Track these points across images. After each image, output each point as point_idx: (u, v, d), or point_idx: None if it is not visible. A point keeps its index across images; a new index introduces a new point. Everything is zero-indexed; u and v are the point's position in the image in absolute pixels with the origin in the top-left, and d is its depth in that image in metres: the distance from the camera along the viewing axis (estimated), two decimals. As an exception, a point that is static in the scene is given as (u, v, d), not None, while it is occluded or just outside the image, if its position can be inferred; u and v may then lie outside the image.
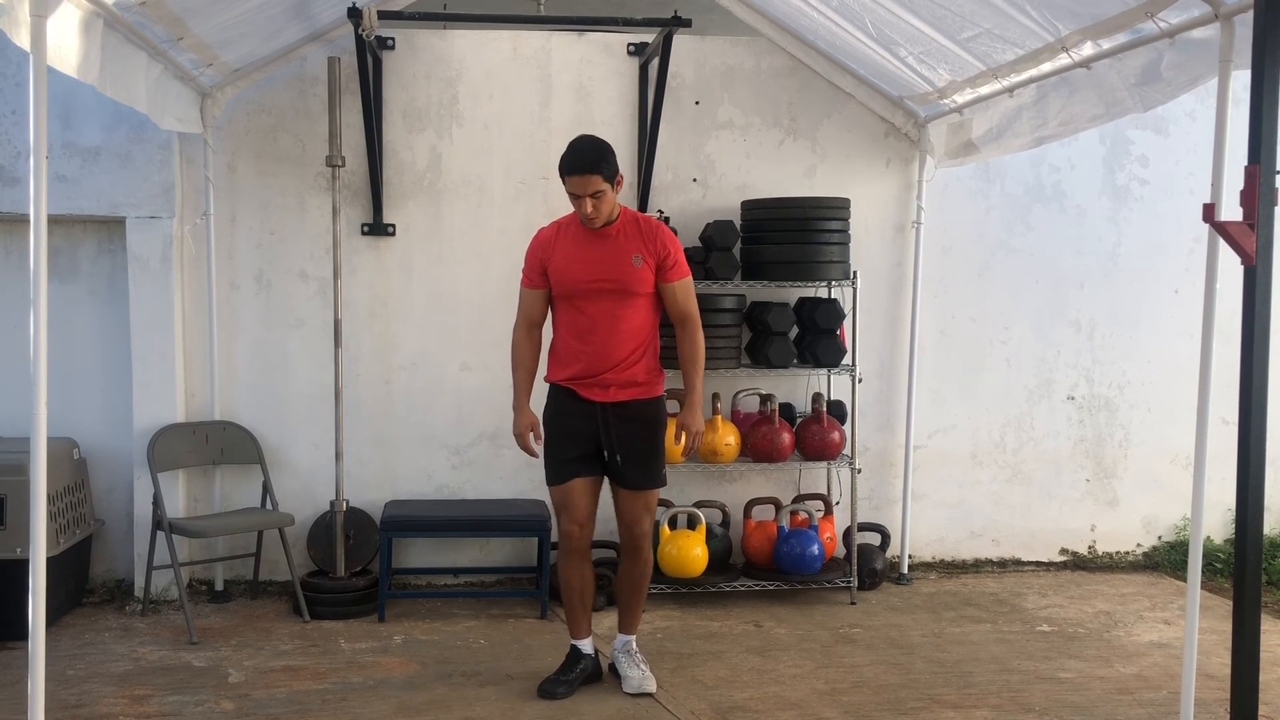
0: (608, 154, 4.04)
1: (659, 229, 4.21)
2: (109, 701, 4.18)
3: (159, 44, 4.41)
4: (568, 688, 4.25)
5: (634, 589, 4.37)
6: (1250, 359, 3.20)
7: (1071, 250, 6.21)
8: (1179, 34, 3.72)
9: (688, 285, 4.23)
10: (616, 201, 4.15)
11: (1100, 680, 4.48)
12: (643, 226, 4.20)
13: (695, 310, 4.25)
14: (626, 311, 4.14)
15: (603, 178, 3.99)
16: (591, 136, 4.18)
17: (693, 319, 4.25)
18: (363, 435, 5.71)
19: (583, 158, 4.00)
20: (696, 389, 4.23)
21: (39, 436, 3.02)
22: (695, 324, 4.25)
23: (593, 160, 3.98)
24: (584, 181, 3.98)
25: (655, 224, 4.23)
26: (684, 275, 4.21)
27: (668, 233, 4.22)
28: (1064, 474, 6.28)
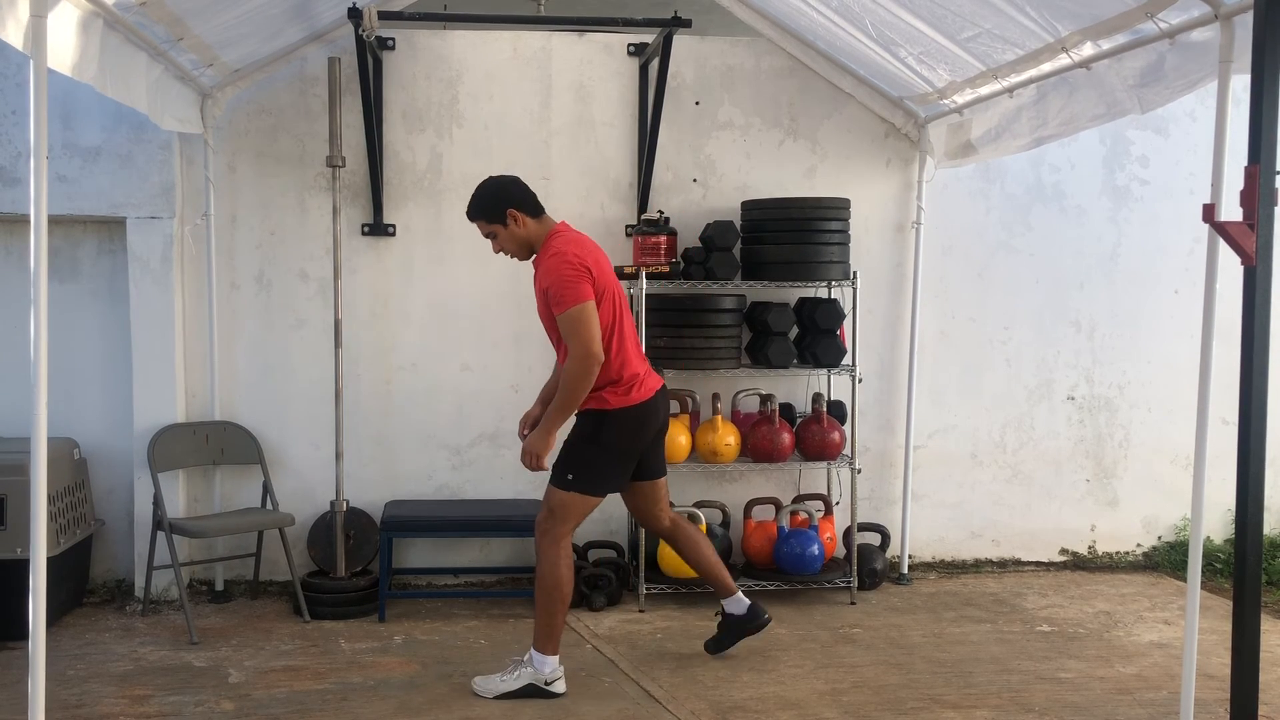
0: (485, 198, 4.25)
1: (544, 260, 4.18)
2: (109, 701, 4.18)
3: (159, 44, 4.41)
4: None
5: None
6: (1250, 359, 3.20)
7: (1071, 250, 6.21)
8: (1179, 34, 3.72)
9: (569, 319, 4.06)
10: (529, 235, 4.23)
11: (1100, 680, 4.49)
12: (540, 258, 4.24)
13: (579, 342, 4.05)
14: (556, 343, 4.30)
15: (485, 221, 4.25)
16: (484, 183, 4.33)
17: (572, 350, 4.08)
18: (363, 435, 5.71)
19: (468, 206, 4.30)
20: (550, 415, 4.17)
21: (39, 436, 3.02)
22: (573, 355, 4.06)
23: (471, 209, 4.29)
24: (477, 227, 4.31)
25: (546, 255, 4.19)
26: (562, 309, 4.06)
27: (549, 264, 4.14)
28: (1064, 474, 6.28)
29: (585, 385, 4.10)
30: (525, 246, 4.26)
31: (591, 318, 4.07)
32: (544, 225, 4.26)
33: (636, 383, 4.25)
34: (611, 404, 4.20)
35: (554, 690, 4.24)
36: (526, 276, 5.75)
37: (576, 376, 4.08)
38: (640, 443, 4.32)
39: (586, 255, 4.17)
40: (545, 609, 4.23)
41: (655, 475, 4.50)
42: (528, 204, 4.24)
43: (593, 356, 4.06)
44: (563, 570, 4.22)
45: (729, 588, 4.67)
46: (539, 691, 4.23)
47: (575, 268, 4.09)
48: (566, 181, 5.80)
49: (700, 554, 4.64)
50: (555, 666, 4.26)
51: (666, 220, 5.64)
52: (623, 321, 4.26)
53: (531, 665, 4.25)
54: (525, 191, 4.28)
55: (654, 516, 4.58)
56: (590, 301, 4.08)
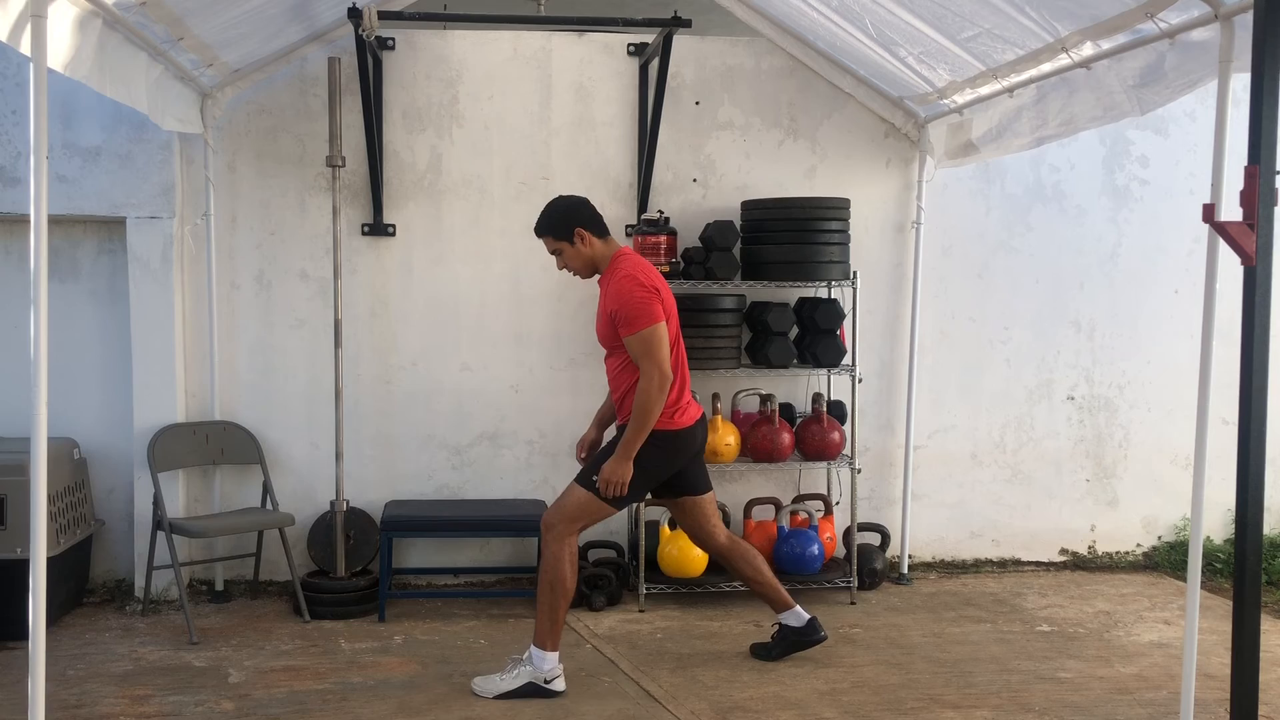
0: (554, 216, 4.33)
1: (613, 282, 4.22)
2: (109, 701, 4.18)
3: (159, 44, 4.41)
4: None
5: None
6: (1250, 359, 3.20)
7: (1071, 250, 6.21)
8: (1179, 34, 3.72)
9: (641, 340, 4.12)
10: (595, 254, 4.29)
11: (1100, 680, 4.49)
12: (608, 279, 4.28)
13: (653, 362, 4.11)
14: (612, 362, 4.37)
15: (553, 238, 4.31)
16: (555, 201, 4.40)
17: (646, 370, 4.12)
18: (363, 435, 5.71)
19: (537, 223, 4.37)
20: (625, 439, 4.19)
21: (39, 436, 3.02)
22: (647, 376, 4.11)
23: (540, 225, 4.36)
24: (544, 243, 4.38)
25: (616, 276, 4.23)
26: (632, 331, 4.13)
27: (620, 286, 4.18)
28: (1064, 474, 6.28)
29: (660, 404, 4.16)
30: (590, 265, 4.34)
31: (664, 339, 4.16)
32: (609, 247, 4.34)
33: (681, 409, 4.33)
34: (658, 425, 4.23)
35: (554, 689, 4.25)
36: (526, 276, 5.81)
37: (653, 397, 4.14)
38: (671, 466, 4.37)
39: (655, 278, 4.27)
40: (547, 605, 4.24)
41: (698, 490, 4.52)
42: (595, 224, 4.32)
43: (666, 376, 4.14)
44: (566, 567, 4.24)
45: (787, 602, 4.67)
46: (539, 690, 4.23)
47: (647, 290, 4.18)
48: (566, 181, 5.80)
49: (760, 573, 4.65)
50: (555, 664, 4.26)
51: (666, 220, 5.64)
52: (680, 348, 4.35)
53: (531, 663, 4.25)
54: (593, 212, 4.35)
55: (708, 533, 4.59)
56: (662, 323, 4.17)
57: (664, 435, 4.26)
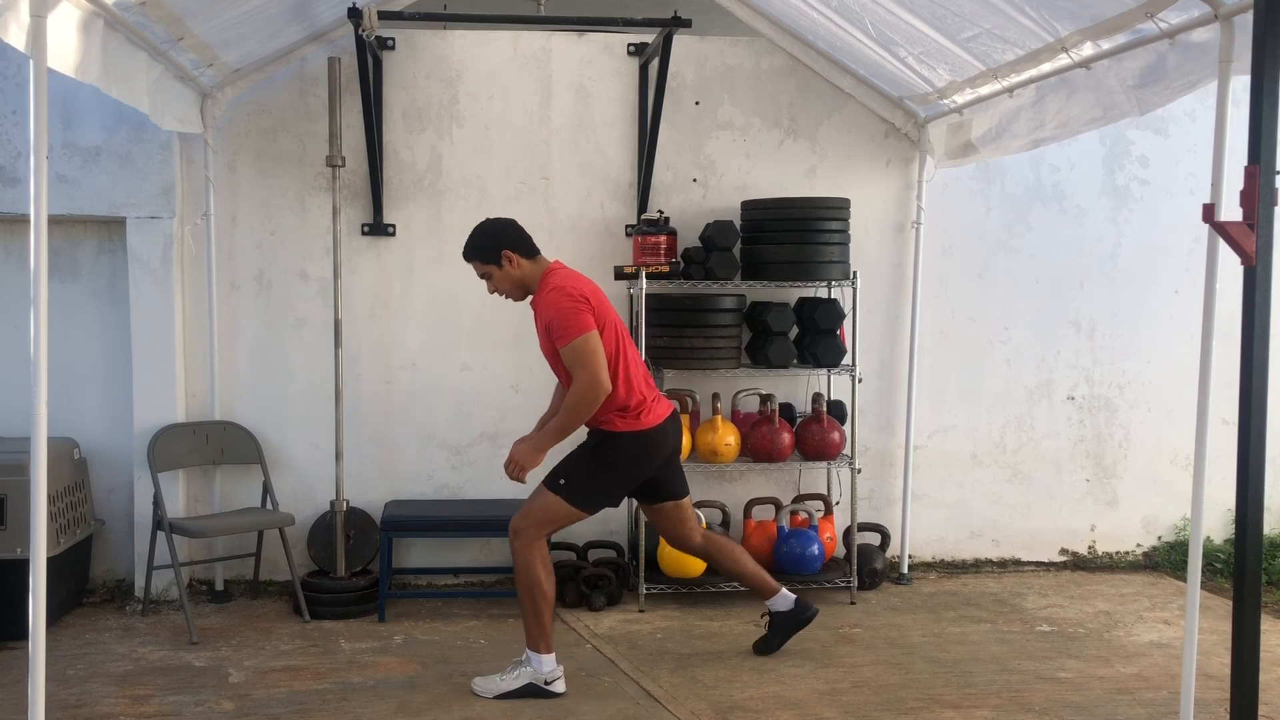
0: (480, 239, 4.31)
1: (542, 296, 4.21)
2: (109, 701, 4.18)
3: (159, 44, 4.41)
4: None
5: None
6: (1250, 359, 3.20)
7: (1071, 250, 6.21)
8: (1179, 34, 3.72)
9: (573, 350, 4.09)
10: (524, 275, 4.26)
11: (1100, 680, 4.49)
12: (538, 295, 4.26)
13: (586, 371, 4.07)
14: (563, 378, 4.29)
15: (480, 262, 4.30)
16: (480, 225, 4.37)
17: (579, 379, 4.09)
18: (363, 435, 5.71)
19: (464, 248, 4.34)
20: (546, 433, 4.20)
21: (39, 436, 3.02)
22: (580, 383, 4.08)
23: (466, 249, 4.34)
24: (472, 268, 4.36)
25: (544, 291, 4.21)
26: (565, 341, 4.10)
27: (548, 299, 4.17)
28: (1064, 474, 6.28)
29: (588, 413, 4.14)
30: (520, 287, 4.30)
31: (597, 347, 4.10)
32: (539, 265, 4.30)
33: (645, 409, 4.28)
34: (619, 427, 4.23)
35: (554, 690, 4.25)
36: (526, 276, 5.79)
37: (580, 404, 4.11)
38: (642, 469, 4.34)
39: (584, 287, 4.22)
40: (530, 610, 4.25)
41: (678, 496, 4.52)
42: (523, 245, 4.28)
43: (600, 385, 4.09)
44: (539, 570, 4.22)
45: (773, 588, 4.69)
46: (539, 691, 4.23)
47: (574, 299, 4.14)
48: (566, 181, 5.80)
49: (740, 564, 4.66)
50: (554, 665, 4.26)
51: (666, 220, 5.64)
52: (626, 350, 4.29)
53: (530, 665, 4.26)
54: (520, 233, 4.31)
55: (684, 537, 4.60)
56: (593, 331, 4.11)
57: (632, 437, 4.24)
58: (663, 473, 4.43)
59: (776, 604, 4.70)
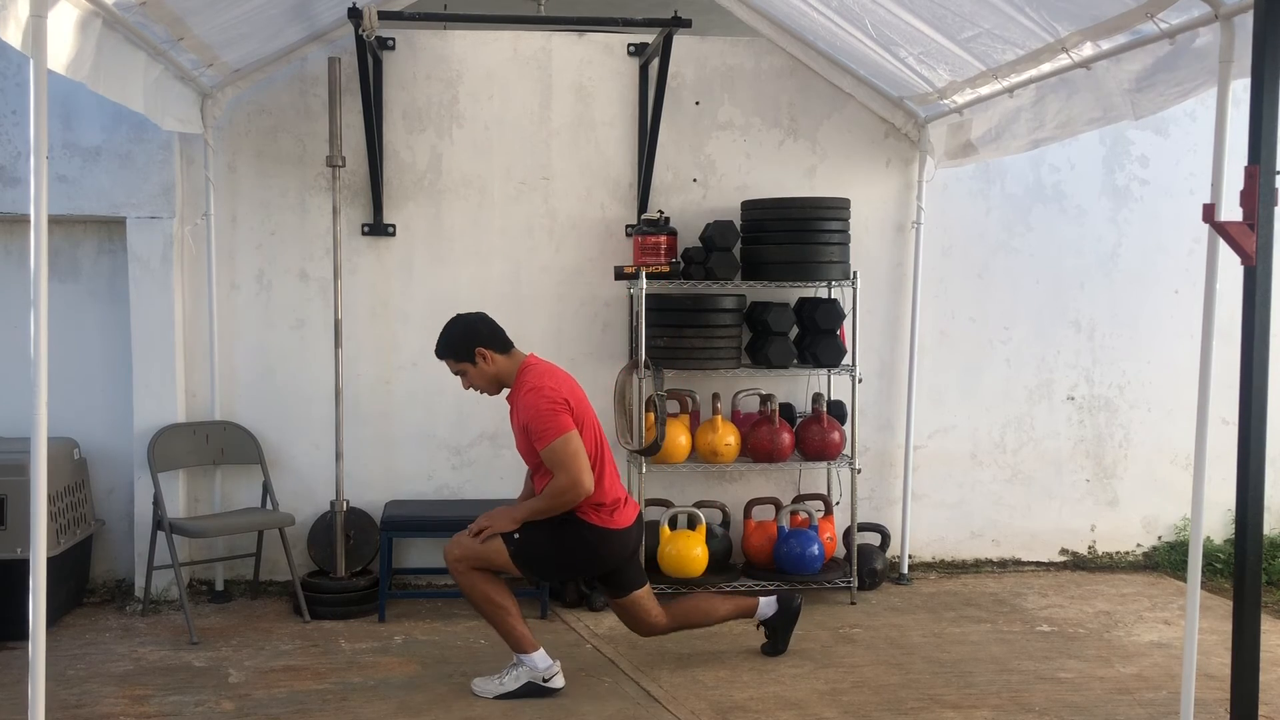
0: (453, 337, 4.29)
1: (521, 396, 4.19)
2: (109, 701, 4.18)
3: (159, 44, 4.41)
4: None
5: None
6: (1250, 359, 3.20)
7: (1071, 250, 6.21)
8: (1179, 35, 3.72)
9: (554, 452, 4.09)
10: (499, 371, 4.25)
11: (1100, 680, 4.49)
12: (515, 394, 4.25)
13: (567, 474, 4.07)
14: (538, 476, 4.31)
15: (454, 360, 4.29)
16: (452, 321, 4.35)
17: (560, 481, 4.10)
18: (363, 435, 5.71)
19: (436, 345, 4.33)
20: (524, 507, 4.23)
21: (39, 436, 3.02)
22: (564, 481, 4.08)
23: (439, 348, 4.32)
24: (446, 365, 4.34)
25: (522, 391, 4.20)
26: (545, 443, 4.10)
27: (526, 400, 4.16)
28: (1064, 474, 6.28)
29: (565, 506, 4.15)
30: (495, 382, 4.30)
31: (578, 448, 4.11)
32: (514, 360, 4.29)
33: (619, 507, 4.30)
34: (591, 519, 4.23)
35: (553, 686, 4.25)
36: (526, 276, 5.82)
37: (560, 496, 4.12)
38: (596, 565, 4.36)
39: (562, 387, 4.21)
40: (495, 621, 4.28)
41: (638, 586, 4.46)
42: (496, 341, 4.28)
43: (582, 487, 4.09)
44: (481, 585, 4.24)
45: (752, 605, 4.70)
46: (538, 689, 4.23)
47: (552, 401, 4.13)
48: (566, 181, 5.80)
49: (713, 613, 4.65)
50: (550, 662, 4.27)
51: (666, 220, 5.64)
52: (603, 448, 4.30)
53: (525, 665, 4.27)
54: (493, 328, 4.31)
55: (651, 625, 4.52)
56: (574, 432, 4.12)
57: (598, 531, 4.23)
58: (625, 567, 4.41)
59: (763, 613, 4.71)
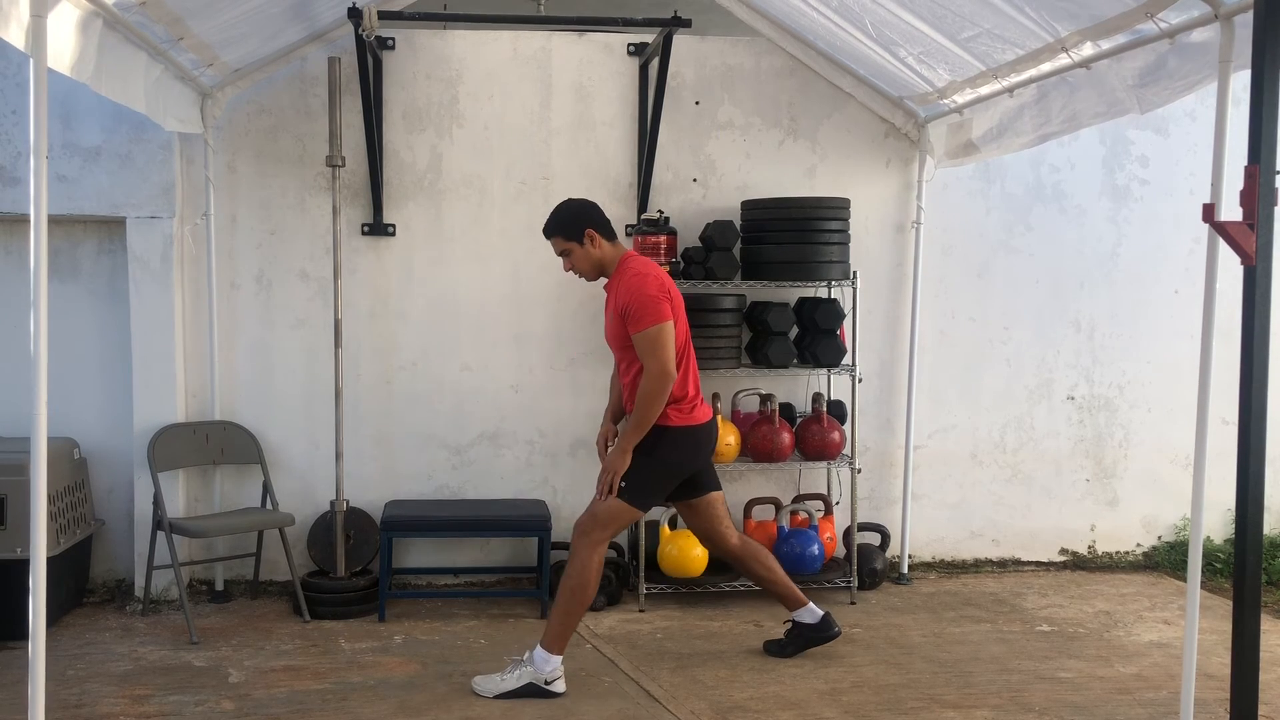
0: (565, 216, 4.35)
1: (624, 280, 4.24)
2: (109, 701, 4.18)
3: (159, 44, 4.41)
4: None
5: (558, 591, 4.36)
6: (1250, 359, 3.20)
7: (1071, 250, 6.21)
8: (1179, 34, 3.72)
9: (647, 338, 4.15)
10: (603, 256, 4.31)
11: (1100, 680, 4.49)
12: (618, 278, 4.30)
13: (656, 360, 4.13)
14: (623, 361, 4.37)
15: (563, 238, 4.33)
16: (564, 203, 4.41)
17: (649, 368, 4.15)
18: (363, 435, 5.71)
19: (546, 224, 4.38)
20: (627, 433, 4.24)
21: (39, 436, 3.02)
22: (650, 373, 4.14)
23: (550, 225, 4.37)
24: (552, 244, 4.38)
25: (626, 275, 4.25)
26: (640, 328, 4.15)
27: (631, 283, 4.20)
28: (1064, 474, 6.28)
29: (661, 402, 4.19)
30: (597, 268, 4.36)
31: (670, 337, 4.17)
32: (617, 250, 4.37)
33: (698, 403, 4.37)
34: (674, 421, 4.28)
35: (554, 690, 4.25)
36: (526, 276, 5.81)
37: (653, 394, 4.16)
38: (692, 463, 4.41)
39: (665, 280, 4.29)
40: (565, 609, 4.26)
41: (712, 488, 4.54)
42: (605, 227, 4.34)
43: (669, 375, 4.15)
44: (592, 574, 4.26)
45: (800, 600, 4.70)
46: (539, 691, 4.23)
47: (658, 288, 4.21)
48: (567, 181, 5.80)
49: (773, 572, 4.68)
50: (557, 666, 4.27)
51: (666, 220, 5.64)
52: (689, 346, 4.37)
53: (532, 664, 4.26)
54: (602, 216, 4.38)
55: (720, 534, 4.59)
56: (670, 322, 4.19)
57: (685, 431, 4.30)
58: (707, 467, 4.51)
59: (803, 616, 4.70)
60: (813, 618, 4.68)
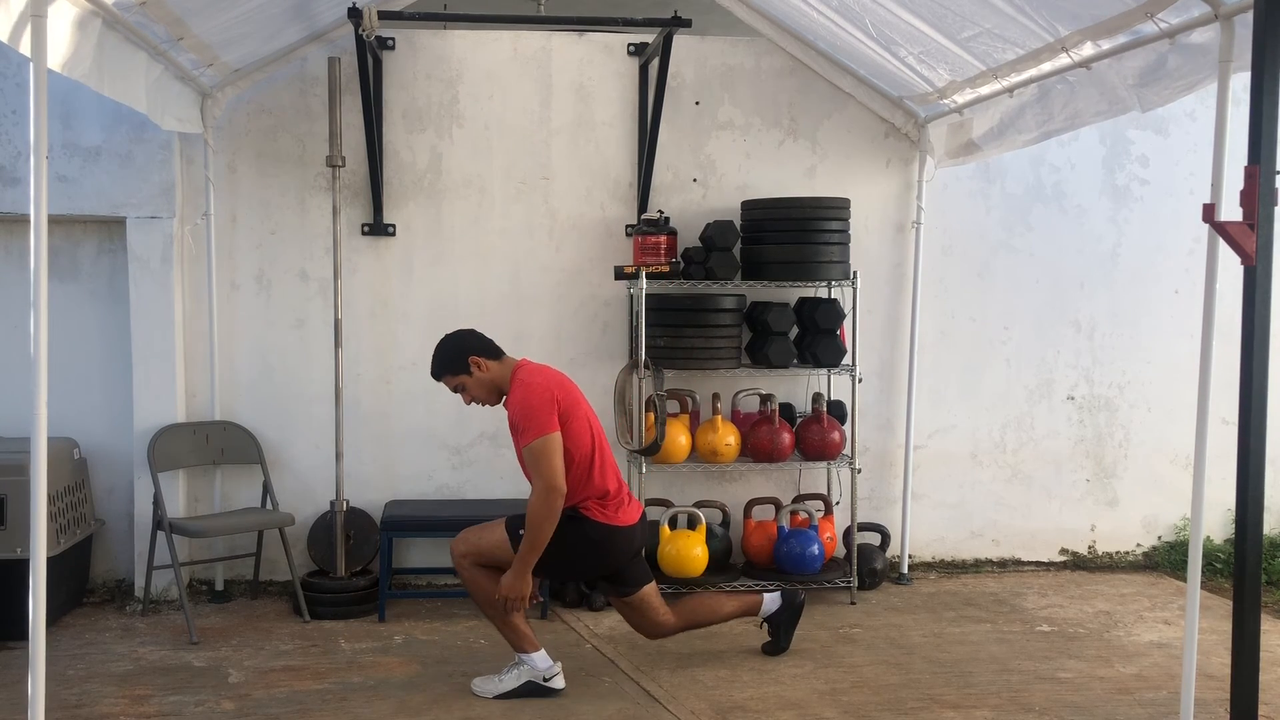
0: (446, 353, 4.30)
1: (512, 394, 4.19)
2: (109, 701, 4.18)
3: (159, 44, 4.41)
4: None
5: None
6: (1250, 359, 3.20)
7: (1071, 250, 6.21)
8: (1179, 34, 3.72)
9: (531, 451, 4.06)
10: (493, 377, 4.24)
11: (1100, 680, 4.49)
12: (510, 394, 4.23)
13: (541, 476, 4.04)
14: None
15: (450, 374, 4.28)
16: (442, 341, 4.35)
17: (535, 485, 4.08)
18: (363, 435, 5.70)
19: (432, 367, 4.33)
20: (520, 555, 4.11)
21: (39, 436, 3.02)
22: (536, 490, 4.06)
23: (435, 367, 4.32)
24: (444, 384, 4.33)
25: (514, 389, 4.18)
26: (525, 442, 4.08)
27: (514, 396, 4.16)
28: (1064, 474, 6.28)
29: (552, 521, 4.06)
30: (494, 390, 4.28)
31: (555, 449, 4.06)
32: (505, 366, 4.29)
33: (623, 502, 4.30)
34: (594, 515, 4.23)
35: (553, 686, 4.25)
36: (526, 276, 5.82)
37: (542, 512, 4.04)
38: (599, 565, 4.35)
39: (553, 385, 4.19)
40: (498, 621, 4.28)
41: (645, 582, 4.46)
42: (488, 350, 4.29)
43: (556, 490, 4.04)
44: (485, 585, 4.23)
45: (756, 603, 4.71)
46: (538, 689, 4.23)
47: (541, 398, 4.12)
48: (567, 181, 5.80)
49: (719, 611, 4.65)
50: (551, 663, 4.27)
51: (666, 220, 5.64)
52: (602, 443, 4.29)
53: (526, 664, 4.26)
54: (482, 338, 4.34)
55: (659, 624, 4.51)
56: (555, 433, 4.08)
57: (603, 529, 4.22)
58: (631, 565, 4.41)
59: (767, 608, 4.71)
60: (775, 604, 4.70)
